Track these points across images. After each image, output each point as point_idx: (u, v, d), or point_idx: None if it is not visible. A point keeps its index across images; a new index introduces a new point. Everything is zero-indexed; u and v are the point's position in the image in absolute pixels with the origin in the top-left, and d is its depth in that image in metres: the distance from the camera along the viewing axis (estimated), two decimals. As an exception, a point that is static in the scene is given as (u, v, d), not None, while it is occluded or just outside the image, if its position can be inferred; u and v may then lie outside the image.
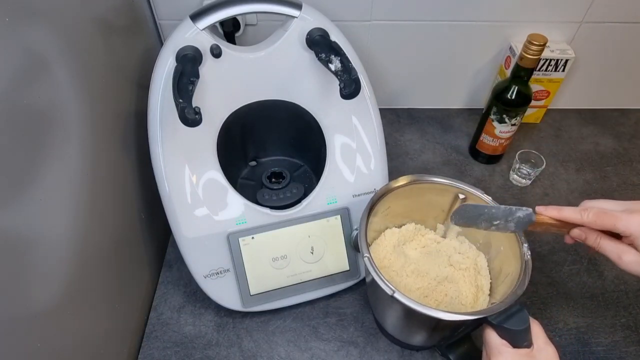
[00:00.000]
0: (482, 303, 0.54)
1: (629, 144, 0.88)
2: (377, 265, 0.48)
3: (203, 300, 0.63)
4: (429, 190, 0.57)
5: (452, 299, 0.55)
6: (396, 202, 0.56)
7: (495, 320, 0.43)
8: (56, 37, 0.44)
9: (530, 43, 0.66)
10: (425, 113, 0.93)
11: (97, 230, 0.51)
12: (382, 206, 0.55)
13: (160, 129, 0.54)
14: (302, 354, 0.59)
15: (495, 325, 0.43)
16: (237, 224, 0.57)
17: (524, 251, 0.49)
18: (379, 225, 0.59)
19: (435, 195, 0.58)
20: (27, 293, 0.39)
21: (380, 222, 0.58)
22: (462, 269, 0.58)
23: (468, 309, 0.55)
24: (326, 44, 0.54)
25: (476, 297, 0.56)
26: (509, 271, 0.52)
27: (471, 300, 0.56)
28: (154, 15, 0.75)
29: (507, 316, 0.43)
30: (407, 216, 0.61)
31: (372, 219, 0.54)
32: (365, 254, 0.48)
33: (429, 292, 0.56)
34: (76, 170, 0.47)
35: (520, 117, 0.74)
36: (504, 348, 0.42)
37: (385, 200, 0.55)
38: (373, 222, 0.55)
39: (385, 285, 0.45)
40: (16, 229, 0.37)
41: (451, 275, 0.58)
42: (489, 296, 0.55)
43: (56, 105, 0.44)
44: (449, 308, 0.55)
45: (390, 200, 0.55)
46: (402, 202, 0.57)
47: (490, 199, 0.54)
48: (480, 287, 0.56)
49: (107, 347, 0.53)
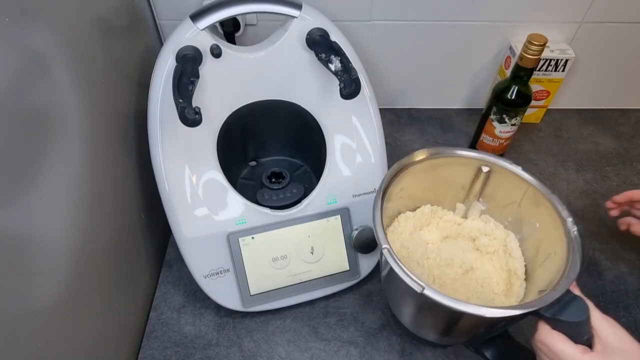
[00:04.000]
0: (518, 290, 0.48)
1: (629, 144, 0.88)
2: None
3: (203, 300, 0.63)
4: (446, 166, 0.51)
5: (483, 288, 0.49)
6: (411, 182, 0.50)
7: (548, 312, 0.36)
8: (56, 37, 0.44)
9: (530, 43, 0.66)
10: (425, 113, 0.93)
11: (97, 230, 0.51)
12: (396, 187, 0.49)
13: (160, 129, 0.54)
14: (302, 354, 0.59)
15: (548, 319, 0.36)
16: (237, 224, 0.57)
17: (568, 227, 0.42)
18: (391, 210, 0.53)
19: (454, 171, 0.51)
20: (27, 293, 0.39)
21: (392, 207, 0.52)
22: (490, 253, 0.52)
23: (501, 297, 0.49)
24: (326, 44, 0.54)
25: (509, 283, 0.50)
26: (550, 251, 0.44)
27: (504, 287, 0.49)
28: (154, 15, 0.75)
29: (561, 307, 0.36)
30: (422, 197, 0.55)
31: (386, 205, 0.47)
32: (384, 245, 0.41)
33: (455, 283, 0.50)
34: (76, 170, 0.47)
35: (520, 117, 0.74)
36: (581, 356, 0.34)
37: (399, 180, 0.48)
38: (387, 208, 0.48)
39: (412, 281, 0.39)
40: (16, 229, 0.37)
41: (478, 261, 0.51)
42: (525, 281, 0.48)
43: (56, 105, 0.44)
44: (480, 298, 0.49)
45: (404, 180, 0.49)
46: (417, 182, 0.51)
47: (520, 169, 0.48)
48: (513, 272, 0.50)
49: (107, 347, 0.53)
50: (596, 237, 0.72)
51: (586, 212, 0.76)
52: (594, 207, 0.76)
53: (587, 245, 0.71)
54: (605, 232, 0.73)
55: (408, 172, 0.49)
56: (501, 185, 0.51)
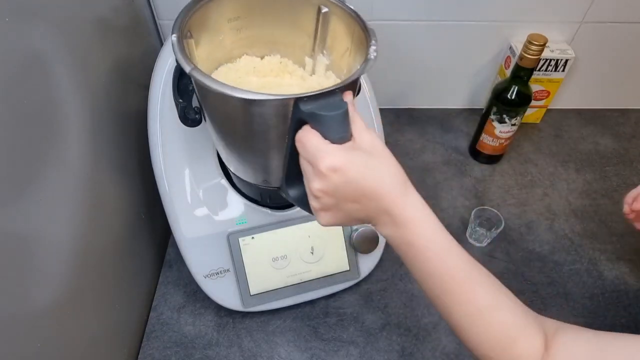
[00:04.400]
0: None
1: (629, 144, 0.88)
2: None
3: (203, 300, 0.63)
4: (288, 5, 0.45)
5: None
6: (249, 16, 0.45)
7: (307, 106, 0.34)
8: (56, 37, 0.44)
9: (530, 43, 0.66)
10: (425, 113, 0.93)
11: (97, 230, 0.51)
12: (220, 15, 0.43)
13: (160, 128, 0.54)
14: (302, 354, 0.59)
15: (306, 114, 0.35)
16: (237, 224, 0.57)
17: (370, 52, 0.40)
18: (231, 48, 0.48)
19: (297, 14, 0.45)
20: (27, 293, 0.39)
21: (231, 42, 0.47)
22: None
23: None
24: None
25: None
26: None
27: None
28: (154, 15, 0.75)
29: (321, 104, 0.34)
30: (272, 45, 0.49)
31: (221, 38, 0.42)
32: (188, 68, 0.36)
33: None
34: (76, 170, 0.47)
35: (520, 117, 0.74)
36: (325, 146, 0.34)
37: (225, 2, 0.42)
38: (224, 44, 0.43)
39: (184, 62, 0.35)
40: (16, 229, 0.37)
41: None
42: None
43: (56, 105, 0.44)
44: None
45: (232, 6, 0.43)
46: (257, 19, 0.46)
47: (352, 8, 0.43)
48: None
49: (107, 347, 0.53)
50: (596, 237, 0.72)
51: (586, 212, 0.76)
52: (594, 207, 0.77)
53: (587, 245, 0.71)
54: (605, 232, 0.73)
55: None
56: (337, 29, 0.46)
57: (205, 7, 0.42)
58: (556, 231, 0.73)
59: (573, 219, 0.75)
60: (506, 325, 0.36)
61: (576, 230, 0.73)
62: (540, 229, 0.73)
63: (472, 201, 0.77)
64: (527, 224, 0.74)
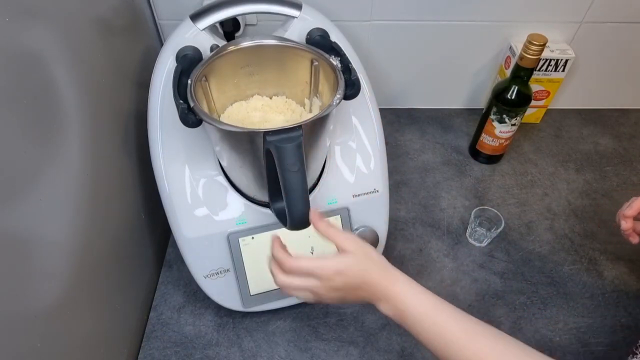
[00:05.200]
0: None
1: (629, 144, 0.88)
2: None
3: (203, 300, 0.63)
4: (290, 57, 0.54)
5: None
6: (260, 64, 0.54)
7: (271, 138, 0.41)
8: (56, 37, 0.44)
9: (530, 43, 0.66)
10: (425, 113, 0.93)
11: (97, 230, 0.51)
12: (235, 58, 0.52)
13: (160, 128, 0.54)
14: (302, 354, 0.59)
15: (270, 145, 0.41)
16: (237, 224, 0.57)
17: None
18: (245, 89, 0.57)
19: (297, 64, 0.55)
20: (27, 293, 0.39)
21: (245, 84, 0.56)
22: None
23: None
24: (326, 44, 0.54)
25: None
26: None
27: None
28: (154, 15, 0.75)
29: (282, 137, 0.41)
30: (279, 87, 0.58)
31: (237, 82, 0.53)
32: (192, 102, 0.45)
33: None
34: (76, 170, 0.47)
35: (520, 117, 0.74)
36: (321, 261, 0.45)
37: (237, 54, 0.52)
38: (239, 87, 0.54)
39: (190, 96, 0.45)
40: (16, 229, 0.37)
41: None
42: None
43: (56, 105, 0.44)
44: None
45: (244, 56, 0.52)
46: (265, 68, 0.55)
47: (332, 61, 0.51)
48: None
49: (107, 347, 0.53)
50: (596, 237, 0.72)
51: (586, 212, 0.76)
52: (594, 207, 0.77)
53: (587, 245, 0.71)
54: (605, 232, 0.73)
55: (253, 51, 0.53)
56: (325, 77, 0.54)
57: (221, 58, 0.51)
58: (556, 231, 0.73)
59: (573, 219, 0.75)
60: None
61: (576, 230, 0.73)
62: (540, 229, 0.73)
63: (472, 201, 0.77)
64: (527, 224, 0.74)
